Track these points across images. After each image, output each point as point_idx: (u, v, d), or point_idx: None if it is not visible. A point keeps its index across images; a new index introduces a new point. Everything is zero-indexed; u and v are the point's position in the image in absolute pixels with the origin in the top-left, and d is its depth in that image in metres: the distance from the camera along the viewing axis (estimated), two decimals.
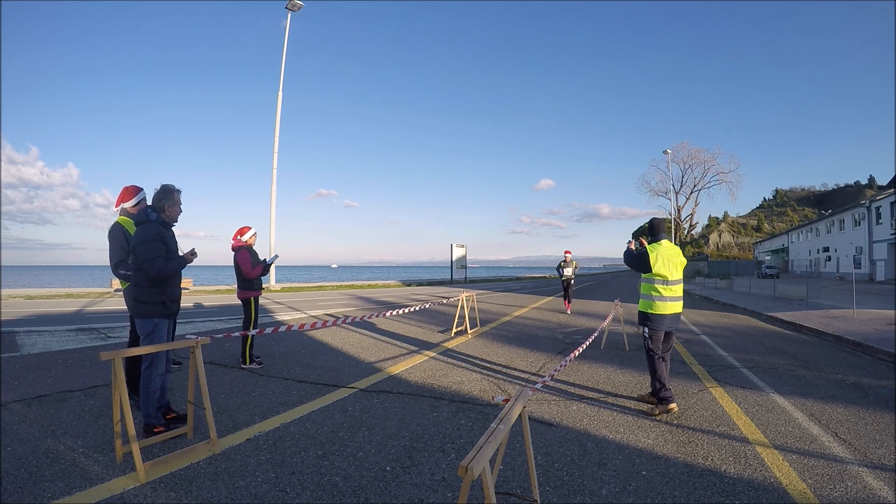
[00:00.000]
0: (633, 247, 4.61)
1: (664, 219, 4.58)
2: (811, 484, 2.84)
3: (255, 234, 5.77)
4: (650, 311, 4.25)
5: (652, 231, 4.49)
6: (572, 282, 12.76)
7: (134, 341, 4.13)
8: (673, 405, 4.07)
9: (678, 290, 4.27)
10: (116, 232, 4.06)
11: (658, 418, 3.98)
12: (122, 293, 4.34)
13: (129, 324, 4.30)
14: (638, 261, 4.31)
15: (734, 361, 6.37)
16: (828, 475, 2.97)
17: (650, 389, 4.36)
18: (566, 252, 12.91)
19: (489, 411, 4.12)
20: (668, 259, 4.23)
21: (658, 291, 4.21)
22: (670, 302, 4.22)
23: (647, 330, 4.29)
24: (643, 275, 4.31)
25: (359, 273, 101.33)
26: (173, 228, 3.71)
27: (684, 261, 4.40)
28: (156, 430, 3.33)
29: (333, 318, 9.30)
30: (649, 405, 4.28)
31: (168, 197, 3.55)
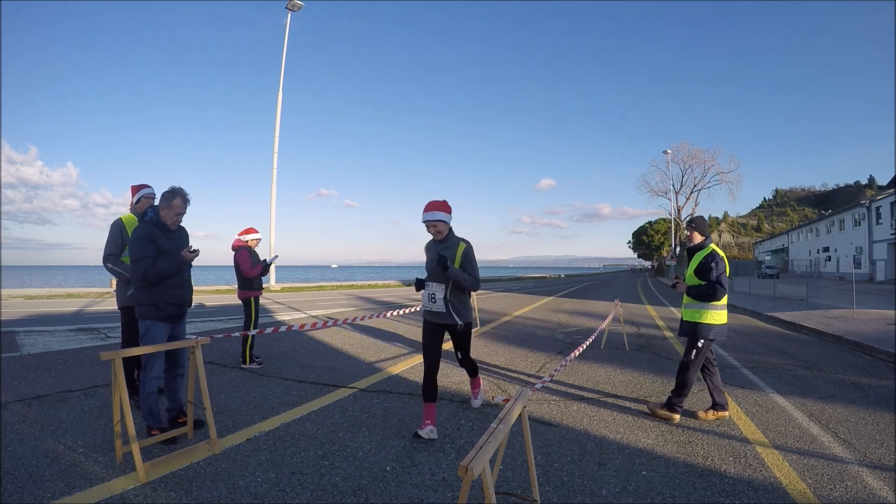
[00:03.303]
0: (679, 288, 4.07)
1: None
2: (811, 484, 2.84)
3: (258, 238, 5.76)
4: (716, 321, 3.88)
5: (705, 230, 4.04)
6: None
7: (125, 340, 4.11)
8: (678, 416, 3.93)
9: None
10: (115, 227, 4.11)
11: (658, 417, 3.97)
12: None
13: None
14: (723, 283, 3.79)
15: (734, 361, 6.36)
16: (828, 475, 2.97)
17: (711, 402, 4.04)
18: (433, 221, 3.46)
19: (489, 411, 4.12)
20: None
21: (723, 298, 3.87)
22: (726, 309, 3.97)
23: (703, 342, 3.89)
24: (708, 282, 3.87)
25: (359, 273, 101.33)
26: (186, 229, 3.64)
27: None
28: (152, 432, 3.29)
29: (333, 319, 9.30)
30: (717, 418, 3.97)
31: (164, 199, 3.41)
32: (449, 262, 3.34)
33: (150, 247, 3.29)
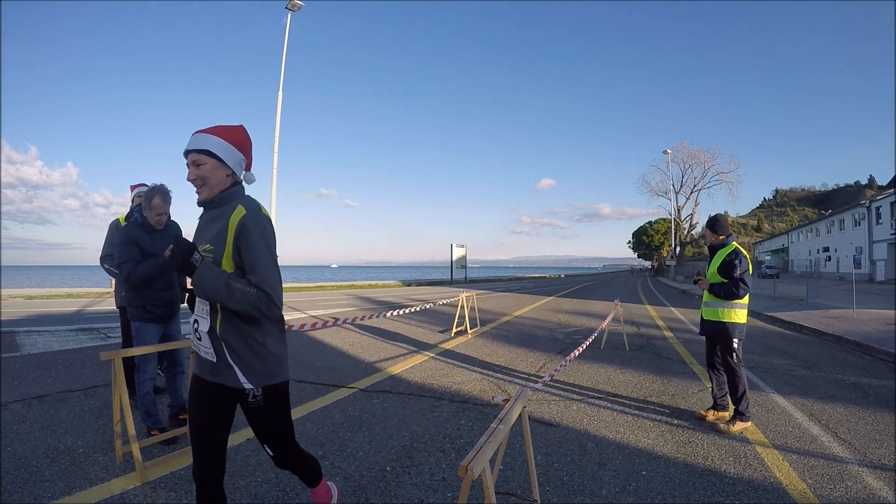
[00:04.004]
0: (702, 285, 4.03)
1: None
2: (811, 484, 2.84)
3: None
4: (740, 320, 3.85)
5: (722, 229, 3.96)
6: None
7: (125, 340, 4.15)
8: (749, 423, 3.74)
9: None
10: (112, 227, 4.19)
11: (658, 416, 3.97)
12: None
13: None
14: (745, 281, 3.74)
15: None
16: (828, 475, 2.97)
17: (712, 402, 4.00)
18: (197, 153, 1.74)
19: (489, 411, 4.12)
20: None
21: (746, 298, 3.82)
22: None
23: (737, 342, 3.84)
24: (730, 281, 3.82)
25: (359, 273, 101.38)
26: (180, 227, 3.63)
27: None
28: (152, 432, 3.29)
29: (333, 319, 9.33)
30: (716, 419, 3.86)
31: (145, 199, 3.35)
32: (198, 255, 1.65)
33: (133, 250, 3.26)
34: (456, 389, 4.80)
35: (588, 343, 5.17)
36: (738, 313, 3.87)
